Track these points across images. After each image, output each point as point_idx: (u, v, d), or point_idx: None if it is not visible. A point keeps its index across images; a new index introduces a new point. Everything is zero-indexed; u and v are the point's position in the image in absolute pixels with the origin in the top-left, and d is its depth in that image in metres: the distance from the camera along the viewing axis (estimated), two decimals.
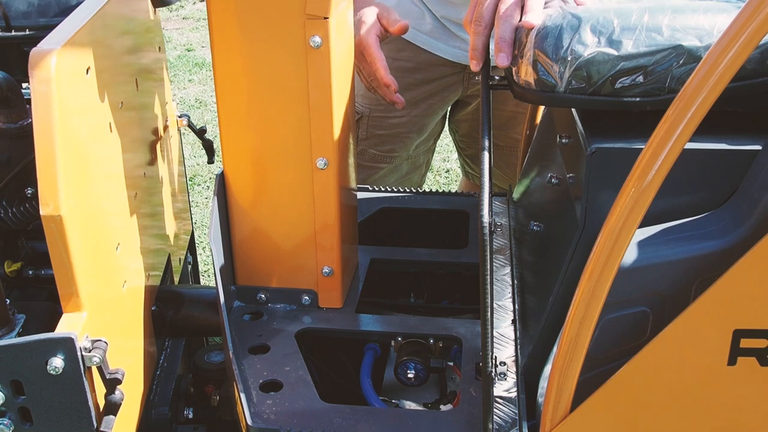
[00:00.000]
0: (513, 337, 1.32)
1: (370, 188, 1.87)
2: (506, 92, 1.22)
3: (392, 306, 1.61)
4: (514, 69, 1.11)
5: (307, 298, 1.46)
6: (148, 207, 1.47)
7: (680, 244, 1.00)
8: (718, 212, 1.02)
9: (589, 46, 1.02)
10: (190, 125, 1.81)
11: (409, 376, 1.36)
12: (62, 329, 1.06)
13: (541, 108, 1.64)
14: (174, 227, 1.69)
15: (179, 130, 1.81)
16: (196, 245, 2.07)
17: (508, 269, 1.52)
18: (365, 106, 2.02)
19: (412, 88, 1.98)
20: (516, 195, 1.70)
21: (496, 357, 1.25)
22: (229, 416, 1.54)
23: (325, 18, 1.23)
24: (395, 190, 1.86)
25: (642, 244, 1.01)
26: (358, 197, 1.65)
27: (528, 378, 1.20)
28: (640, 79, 1.02)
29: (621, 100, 1.04)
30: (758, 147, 1.00)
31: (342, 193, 1.41)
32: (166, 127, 1.64)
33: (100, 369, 1.09)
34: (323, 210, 1.39)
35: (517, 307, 1.39)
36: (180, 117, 1.79)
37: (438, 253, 1.67)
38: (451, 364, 1.39)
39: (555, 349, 1.06)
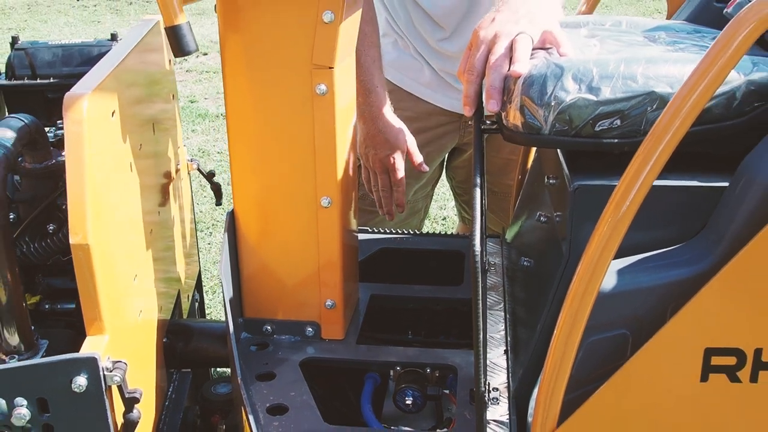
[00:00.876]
0: (505, 366, 1.40)
1: (371, 230, 1.96)
2: (500, 141, 1.33)
3: (391, 340, 1.70)
4: (503, 114, 1.22)
5: (310, 329, 1.54)
6: (161, 244, 1.56)
7: (656, 271, 1.09)
8: (690, 243, 1.12)
9: (570, 92, 1.13)
10: (200, 169, 1.92)
11: (407, 402, 1.43)
12: (86, 350, 1.15)
13: (532, 154, 1.75)
14: (183, 265, 1.78)
15: (189, 174, 1.91)
16: (203, 285, 2.16)
17: (501, 305, 1.60)
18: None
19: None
20: (509, 236, 1.79)
21: (489, 383, 1.33)
22: None
23: (330, 68, 1.34)
24: (395, 231, 1.95)
25: (621, 272, 1.10)
26: (359, 238, 1.75)
27: (519, 402, 1.28)
28: (618, 122, 1.12)
29: (601, 141, 1.14)
30: (725, 184, 1.10)
31: (344, 231, 1.50)
32: (177, 170, 1.74)
33: (120, 388, 1.17)
34: (327, 247, 1.48)
35: (509, 338, 1.47)
36: (190, 161, 1.90)
37: (435, 290, 1.75)
38: (447, 392, 1.47)
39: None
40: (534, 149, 1.72)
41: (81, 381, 1.14)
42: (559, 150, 1.30)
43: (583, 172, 1.19)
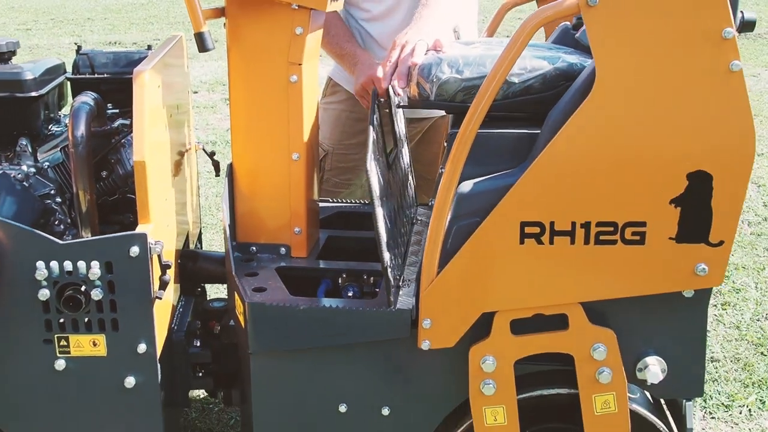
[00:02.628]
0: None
1: (331, 200, 2.64)
2: (431, 137, 2.00)
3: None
4: (407, 90, 1.92)
5: (283, 249, 2.20)
6: (180, 187, 2.23)
7: (495, 180, 1.77)
8: (519, 166, 1.80)
9: (445, 73, 1.83)
10: (204, 149, 2.60)
11: (349, 295, 2.09)
12: (138, 231, 1.81)
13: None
14: (191, 216, 2.45)
15: (196, 152, 2.59)
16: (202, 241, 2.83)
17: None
18: (330, 146, 2.82)
19: (362, 133, 2.79)
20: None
21: (403, 276, 2.00)
22: (226, 339, 2.25)
23: (300, 64, 2.04)
24: (349, 202, 2.63)
25: (474, 183, 1.78)
26: (322, 206, 2.41)
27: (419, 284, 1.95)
28: (474, 92, 1.82)
29: (464, 105, 1.82)
30: (537, 131, 1.79)
31: (308, 179, 2.18)
32: (190, 146, 2.42)
33: (159, 257, 1.83)
34: (296, 190, 2.15)
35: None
36: (197, 143, 2.58)
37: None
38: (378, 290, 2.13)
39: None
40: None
41: (135, 249, 1.80)
42: None
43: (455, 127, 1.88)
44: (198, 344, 2.25)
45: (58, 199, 2.12)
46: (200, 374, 2.26)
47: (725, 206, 1.68)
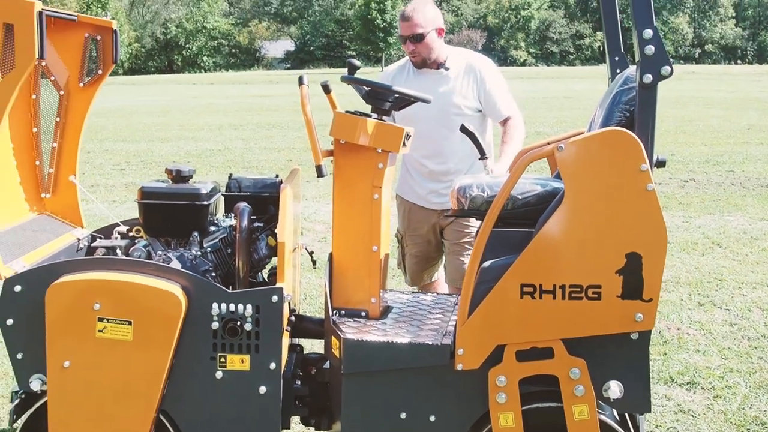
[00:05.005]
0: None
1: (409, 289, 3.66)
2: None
3: None
4: (452, 201, 2.97)
5: (363, 313, 3.19)
6: (295, 265, 3.27)
7: (503, 260, 2.78)
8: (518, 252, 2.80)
9: (474, 193, 2.88)
10: (306, 248, 3.65)
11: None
12: (279, 285, 2.85)
13: None
14: (296, 290, 3.47)
15: (300, 250, 3.64)
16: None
17: None
18: (403, 231, 4.07)
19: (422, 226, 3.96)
20: None
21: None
22: (320, 379, 3.21)
23: (380, 187, 3.10)
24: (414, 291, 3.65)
25: (490, 262, 2.79)
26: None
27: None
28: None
29: (485, 213, 2.85)
30: (533, 230, 2.80)
31: (382, 265, 3.20)
32: (298, 246, 3.48)
33: (288, 303, 2.86)
34: (374, 271, 3.17)
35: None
36: (301, 243, 3.64)
37: None
38: None
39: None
40: None
41: (275, 298, 2.82)
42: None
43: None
44: (299, 383, 3.21)
45: (213, 274, 3.17)
46: (299, 405, 3.20)
47: (651, 275, 2.66)
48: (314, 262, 3.68)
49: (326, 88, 3.17)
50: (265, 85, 43.30)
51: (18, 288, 2.83)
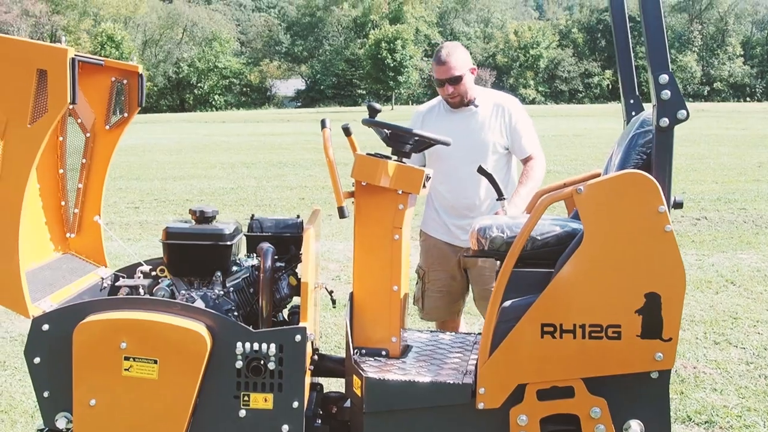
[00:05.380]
0: None
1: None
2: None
3: None
4: (472, 242, 3.02)
5: (384, 352, 3.23)
6: (316, 304, 3.31)
7: (524, 299, 2.82)
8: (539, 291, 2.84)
9: (494, 233, 2.93)
10: (325, 288, 3.69)
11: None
12: (302, 325, 2.89)
13: None
14: (317, 330, 3.51)
15: (320, 289, 3.69)
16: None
17: None
18: (425, 267, 4.06)
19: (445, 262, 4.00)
20: None
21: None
22: (340, 417, 3.24)
23: (400, 228, 3.16)
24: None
25: (510, 302, 2.83)
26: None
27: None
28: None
29: (505, 254, 2.90)
30: (551, 270, 2.84)
31: (402, 304, 3.24)
32: (319, 285, 3.53)
33: (311, 343, 2.89)
34: (394, 310, 3.21)
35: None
36: (321, 282, 3.69)
37: None
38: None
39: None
40: None
41: (298, 337, 2.87)
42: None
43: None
44: (319, 422, 3.24)
45: (236, 313, 3.22)
46: None
47: (671, 315, 2.69)
48: (333, 301, 3.72)
49: (347, 131, 3.24)
50: (276, 123, 43.71)
51: (46, 327, 2.88)
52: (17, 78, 2.78)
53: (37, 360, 2.89)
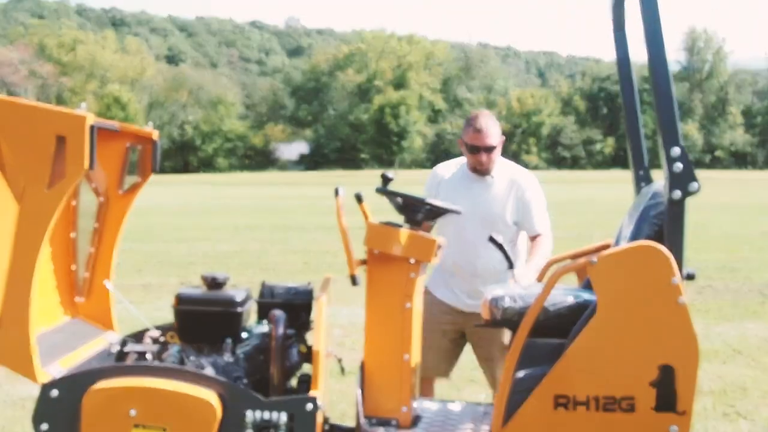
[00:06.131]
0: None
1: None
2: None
3: None
4: (484, 312, 3.02)
5: (394, 422, 3.20)
6: (327, 373, 3.29)
7: (537, 369, 2.80)
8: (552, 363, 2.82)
9: (507, 303, 2.93)
10: (335, 356, 3.67)
11: None
12: (313, 394, 2.86)
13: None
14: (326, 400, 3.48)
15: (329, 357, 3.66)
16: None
17: None
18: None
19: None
20: None
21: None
22: None
23: (411, 296, 3.16)
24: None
25: (524, 371, 2.81)
26: None
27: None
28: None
29: (518, 324, 2.89)
30: (565, 341, 2.83)
31: (414, 374, 3.22)
32: (329, 353, 3.51)
33: (323, 412, 2.86)
34: (405, 380, 3.19)
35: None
36: (330, 351, 3.66)
37: None
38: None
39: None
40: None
41: (309, 406, 2.84)
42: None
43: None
44: None
45: (245, 380, 3.19)
46: None
47: (685, 387, 2.67)
48: (342, 369, 3.69)
49: (359, 199, 3.27)
50: (280, 186, 43.97)
51: (55, 393, 2.86)
52: (37, 143, 2.82)
53: (44, 426, 2.86)
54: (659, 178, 3.07)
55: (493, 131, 4.09)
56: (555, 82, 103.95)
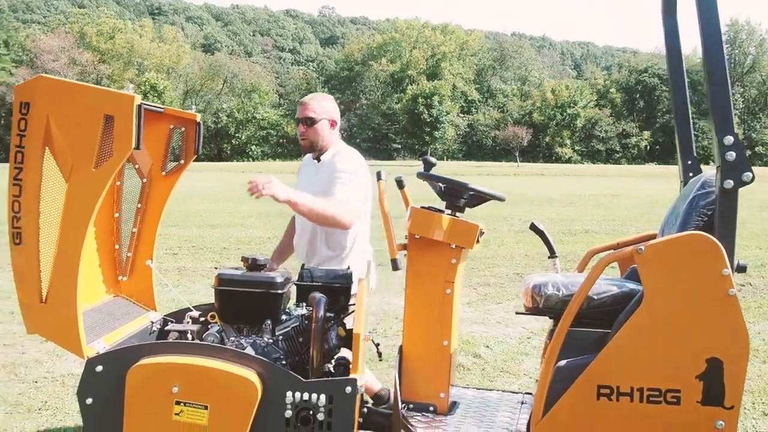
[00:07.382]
0: None
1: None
2: None
3: None
4: (526, 300, 2.99)
5: (432, 407, 3.18)
6: (365, 357, 3.28)
7: (580, 360, 2.77)
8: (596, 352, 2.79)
9: (549, 291, 2.90)
10: (372, 340, 3.67)
11: None
12: (353, 376, 2.86)
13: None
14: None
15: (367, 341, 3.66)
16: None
17: None
18: None
19: None
20: None
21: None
22: None
23: (452, 282, 3.14)
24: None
25: (566, 361, 2.78)
26: None
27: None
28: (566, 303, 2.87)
29: (560, 312, 2.86)
30: (609, 331, 2.80)
31: (452, 360, 3.20)
32: (366, 336, 3.50)
33: (361, 395, 2.86)
34: (443, 366, 3.17)
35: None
36: (368, 334, 3.66)
37: None
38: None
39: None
40: None
41: (348, 388, 2.83)
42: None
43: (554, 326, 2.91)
44: None
45: (284, 362, 3.20)
46: None
47: (733, 382, 2.62)
48: (380, 354, 3.69)
49: (400, 184, 3.25)
50: None
51: (99, 368, 2.88)
52: (85, 123, 2.84)
53: (89, 400, 2.89)
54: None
55: (314, 105, 4.08)
56: (591, 73, 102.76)
